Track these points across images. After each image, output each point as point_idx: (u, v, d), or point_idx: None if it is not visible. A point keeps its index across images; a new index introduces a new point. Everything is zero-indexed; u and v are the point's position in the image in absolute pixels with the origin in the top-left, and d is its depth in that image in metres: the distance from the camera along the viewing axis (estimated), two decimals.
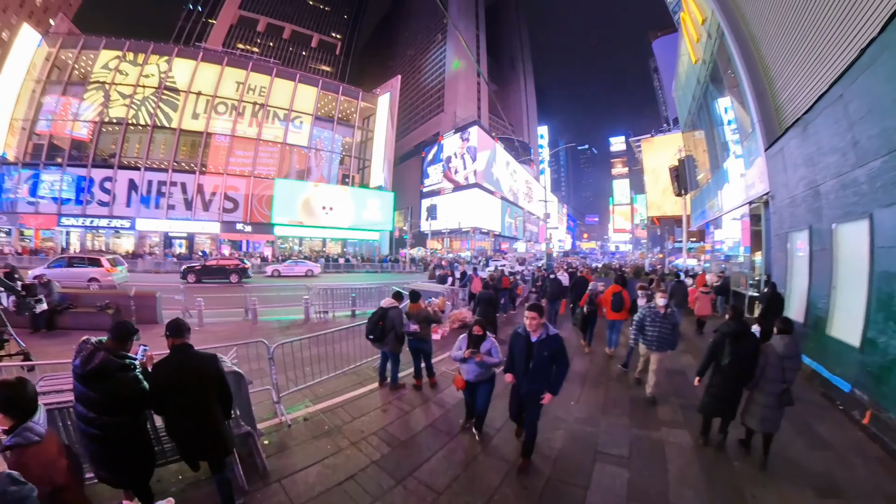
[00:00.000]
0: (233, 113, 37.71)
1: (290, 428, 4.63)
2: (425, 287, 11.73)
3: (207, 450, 2.92)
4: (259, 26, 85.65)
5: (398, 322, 5.70)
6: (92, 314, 9.00)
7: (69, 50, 36.01)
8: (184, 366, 2.82)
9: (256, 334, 9.02)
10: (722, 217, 19.30)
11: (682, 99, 24.66)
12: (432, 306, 6.72)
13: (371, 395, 5.75)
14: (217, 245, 36.53)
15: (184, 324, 3.00)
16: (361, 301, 12.22)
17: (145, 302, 9.97)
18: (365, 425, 4.80)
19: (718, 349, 4.32)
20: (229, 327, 9.79)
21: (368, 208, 42.09)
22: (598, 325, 8.74)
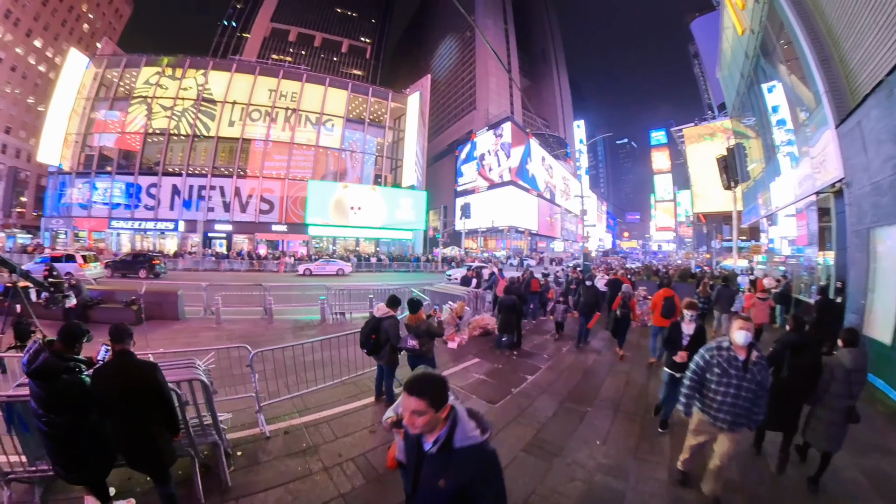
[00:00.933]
0: (266, 119, 39.24)
1: (268, 440, 4.31)
2: (446, 290, 11.10)
3: (142, 460, 2.85)
4: (290, 36, 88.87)
5: (393, 334, 5.10)
6: (119, 309, 9.35)
7: (114, 69, 39.38)
8: (120, 374, 2.72)
9: (268, 334, 9.08)
10: (778, 212, 17.16)
11: (729, 79, 22.33)
12: (437, 314, 6.05)
13: (363, 412, 5.19)
14: (254, 245, 37.94)
15: (125, 330, 2.87)
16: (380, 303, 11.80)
17: (168, 299, 10.35)
18: (345, 447, 4.29)
19: (777, 361, 4.01)
20: (244, 326, 9.76)
21: (401, 207, 42.14)
22: (639, 335, 8.54)
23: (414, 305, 5.28)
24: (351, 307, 11.28)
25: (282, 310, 11.35)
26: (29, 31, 52.05)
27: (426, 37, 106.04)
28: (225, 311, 10.37)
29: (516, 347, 8.37)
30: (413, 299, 5.43)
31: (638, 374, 7.14)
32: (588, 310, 8.72)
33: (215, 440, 3.56)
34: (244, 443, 4.16)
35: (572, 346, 8.93)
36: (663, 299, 7.40)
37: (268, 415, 4.68)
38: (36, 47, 53.63)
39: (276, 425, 4.60)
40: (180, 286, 12.01)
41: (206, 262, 30.03)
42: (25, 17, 51.14)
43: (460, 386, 6.18)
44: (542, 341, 9.33)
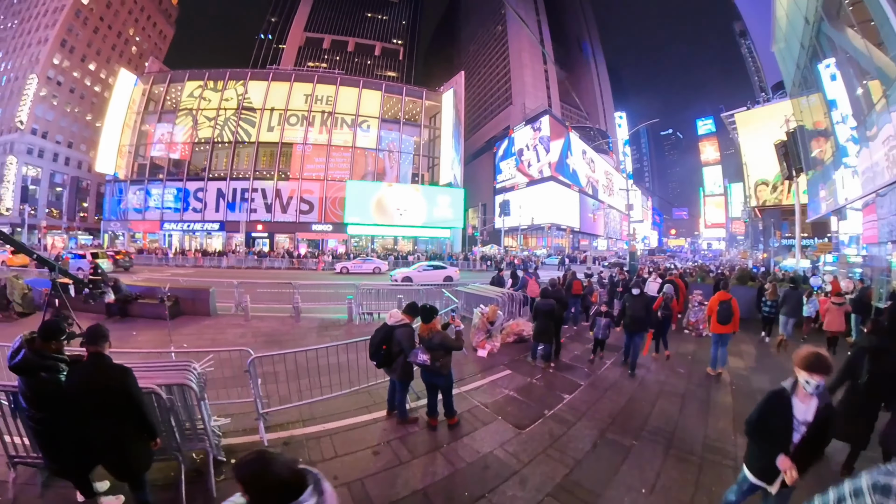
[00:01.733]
0: (304, 123, 40.28)
1: None
2: (479, 291, 9.91)
3: (112, 465, 2.79)
4: (324, 44, 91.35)
5: (407, 345, 4.44)
6: (154, 305, 9.56)
7: (160, 85, 42.76)
8: (91, 376, 2.65)
9: (293, 333, 8.91)
10: (848, 205, 14.40)
11: (786, 52, 19.61)
12: (456, 323, 4.81)
13: (372, 427, 4.64)
14: (295, 244, 38.76)
15: (100, 331, 2.76)
16: (416, 302, 10.69)
17: (200, 296, 10.47)
18: (343, 469, 3.79)
19: (856, 366, 3.75)
20: (272, 324, 9.62)
21: (439, 205, 41.36)
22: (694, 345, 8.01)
23: (427, 314, 4.51)
24: (379, 307, 10.61)
25: (311, 308, 11.14)
26: (84, 56, 57.99)
27: (457, 35, 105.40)
28: (256, 309, 10.57)
29: (553, 359, 7.40)
30: (427, 306, 4.59)
31: (695, 397, 5.96)
32: (636, 326, 6.82)
33: (203, 447, 3.45)
34: (241, 450, 3.88)
35: (618, 357, 7.65)
36: (719, 303, 6.88)
37: (272, 421, 4.49)
38: (90, 70, 59.56)
39: (278, 434, 4.33)
40: (213, 283, 12.21)
41: (248, 261, 30.83)
42: (79, 44, 56.95)
43: (486, 403, 5.41)
44: (584, 352, 8.19)
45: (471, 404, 5.31)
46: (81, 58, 57.61)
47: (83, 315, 9.45)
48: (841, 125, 13.70)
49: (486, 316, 7.98)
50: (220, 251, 35.25)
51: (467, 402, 5.34)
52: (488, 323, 7.92)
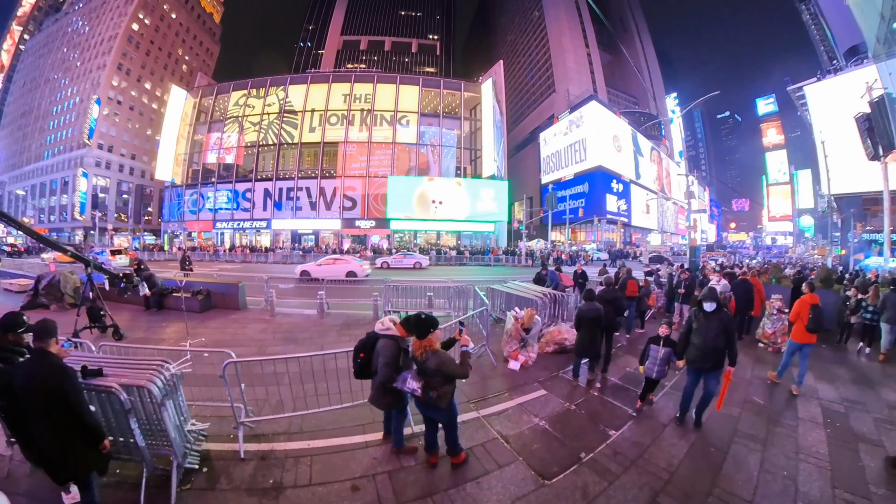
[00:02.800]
0: (343, 122, 40.71)
1: (241, 463, 3.69)
2: (518, 291, 8.60)
3: (53, 464, 2.66)
4: (361, 45, 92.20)
5: (382, 363, 3.46)
6: (188, 298, 9.69)
7: (208, 97, 45.95)
8: (33, 373, 2.56)
9: (313, 329, 8.57)
10: None
11: (866, 2, 16.48)
12: (464, 339, 3.59)
13: (362, 452, 3.90)
14: (339, 240, 39.31)
15: (46, 327, 2.66)
16: (445, 301, 9.86)
17: (231, 290, 10.60)
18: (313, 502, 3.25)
19: None
20: (296, 320, 9.42)
21: (482, 199, 40.14)
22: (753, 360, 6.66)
23: (421, 326, 3.44)
24: (407, 304, 9.81)
25: (339, 304, 10.89)
26: (139, 77, 64.76)
27: (494, 25, 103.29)
28: (286, 304, 10.75)
29: (601, 374, 6.20)
30: (421, 317, 3.49)
31: (780, 441, 4.38)
32: (709, 361, 4.46)
33: (166, 453, 3.28)
34: (217, 458, 3.70)
35: (671, 406, 5.55)
36: (811, 307, 5.74)
37: (257, 430, 4.14)
38: (146, 89, 66.22)
39: (258, 446, 3.93)
40: (250, 278, 12.99)
41: (293, 257, 31.16)
42: (134, 66, 63.64)
43: (507, 436, 4.26)
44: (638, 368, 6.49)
45: (488, 435, 4.25)
46: (137, 78, 64.07)
47: (127, 307, 10.02)
48: None
49: (521, 322, 6.67)
50: (268, 247, 36.41)
51: (484, 433, 4.30)
52: (523, 330, 6.60)
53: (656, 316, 10.90)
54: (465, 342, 3.57)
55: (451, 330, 6.11)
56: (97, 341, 6.81)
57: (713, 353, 4.41)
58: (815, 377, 6.21)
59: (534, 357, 6.60)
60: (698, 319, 4.57)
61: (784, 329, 7.75)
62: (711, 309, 4.50)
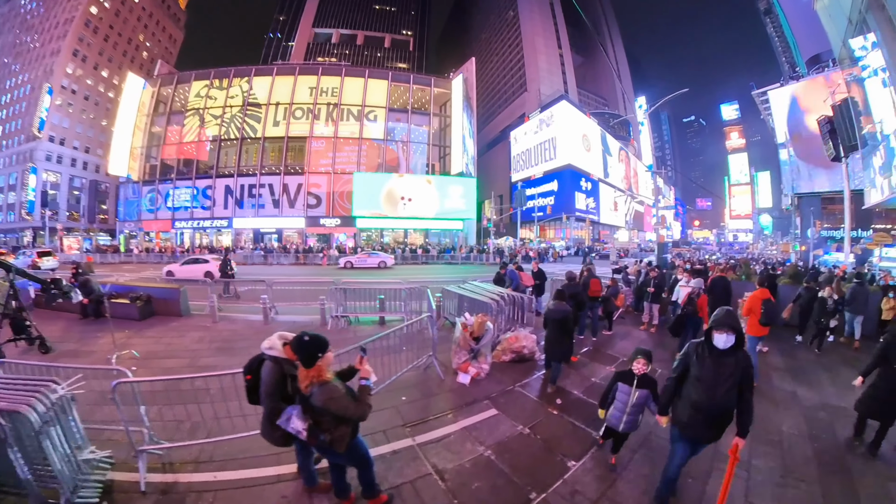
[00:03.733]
0: (309, 116, 39.25)
1: (141, 496, 3.24)
2: (474, 292, 7.88)
3: None
4: (333, 39, 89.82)
5: (268, 393, 2.87)
6: (126, 305, 9.25)
7: (167, 87, 42.93)
8: None
9: (254, 338, 7.33)
10: None
11: (834, 7, 17.16)
12: (364, 368, 2.90)
13: (271, 488, 3.39)
14: (303, 239, 37.93)
15: None
16: (401, 304, 9.11)
17: (172, 295, 9.90)
18: None
19: (891, 351, 4.07)
20: (239, 327, 8.75)
21: (450, 196, 39.72)
22: None
23: (305, 349, 2.66)
24: (357, 309, 9.10)
25: (288, 309, 10.24)
26: (96, 64, 60.07)
27: (469, 24, 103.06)
28: (233, 309, 10.12)
29: (555, 386, 5.68)
30: (304, 339, 2.67)
31: (767, 468, 3.87)
32: (714, 426, 2.97)
33: (54, 486, 2.91)
34: (119, 490, 3.31)
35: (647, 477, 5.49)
36: (762, 302, 6.00)
37: (167, 458, 3.69)
38: (103, 77, 61.52)
39: (162, 477, 3.49)
40: (188, 282, 11.79)
41: (254, 257, 30.08)
42: (91, 53, 59.05)
43: (444, 470, 3.63)
44: (605, 375, 6.11)
45: (421, 470, 3.61)
46: (94, 65, 59.69)
47: (64, 316, 9.29)
48: None
49: (471, 330, 5.88)
50: (228, 248, 34.63)
51: (417, 466, 3.67)
52: (472, 339, 5.85)
53: (624, 315, 10.53)
54: (364, 374, 2.86)
55: (397, 351, 5.62)
56: (23, 356, 6.46)
57: (721, 415, 2.90)
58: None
59: (486, 369, 5.94)
60: (702, 360, 2.92)
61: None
62: (727, 345, 2.84)
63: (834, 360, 7.32)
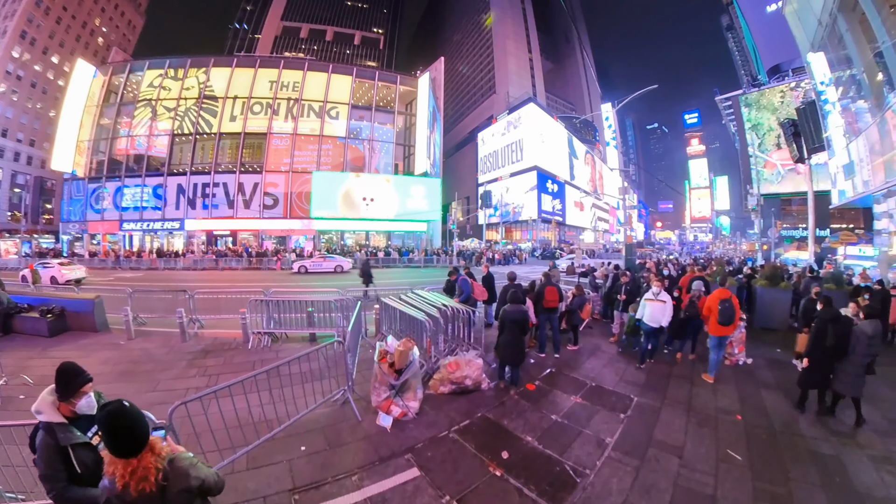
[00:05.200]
0: (268, 111, 37.51)
1: None
2: (408, 306, 6.73)
3: None
4: (302, 33, 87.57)
5: (43, 476, 2.06)
6: (36, 319, 8.46)
7: (120, 75, 39.87)
8: None
9: (164, 360, 6.95)
10: None
11: (803, 10, 17.60)
12: (168, 445, 1.87)
13: None
14: (259, 241, 36.18)
15: None
16: (329, 317, 8.18)
17: (86, 307, 8.88)
18: None
19: (823, 333, 5.01)
20: (153, 344, 7.90)
21: (413, 197, 38.90)
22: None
23: (113, 431, 1.72)
24: (284, 323, 8.07)
25: (216, 322, 9.29)
26: (45, 48, 54.95)
27: (442, 25, 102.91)
28: (158, 322, 9.17)
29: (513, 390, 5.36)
30: (115, 414, 1.72)
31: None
32: None
33: None
34: None
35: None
36: (719, 302, 6.17)
37: None
38: (53, 63, 56.44)
39: None
40: (142, 288, 11.02)
41: (205, 261, 28.41)
42: (41, 36, 53.95)
43: None
44: (570, 410, 5.10)
45: None
46: (43, 50, 54.70)
47: None
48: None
49: (391, 360, 4.80)
50: (178, 251, 32.82)
51: None
52: (394, 372, 4.73)
53: (592, 325, 9.55)
54: (169, 450, 1.85)
55: (309, 380, 4.65)
56: None
57: None
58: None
59: (415, 407, 4.75)
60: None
61: (743, 338, 7.21)
62: None
63: None
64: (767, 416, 5.13)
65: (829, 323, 5.06)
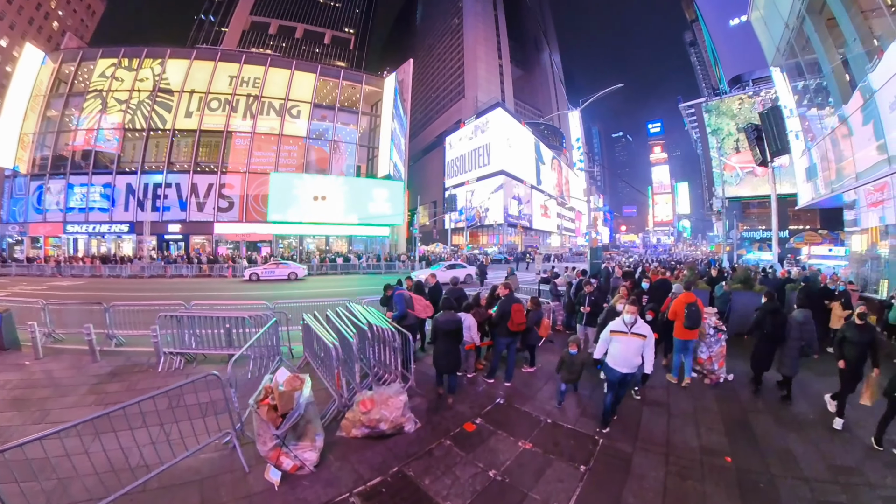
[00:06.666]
0: (226, 108, 35.82)
1: None
2: (322, 327, 6.03)
3: None
4: (271, 29, 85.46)
5: None
6: None
7: (70, 64, 36.96)
8: None
9: (64, 385, 6.36)
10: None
11: (770, 15, 17.65)
12: None
13: None
14: (213, 246, 34.45)
15: None
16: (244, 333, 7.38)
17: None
18: None
19: (762, 323, 5.97)
20: (61, 365, 7.26)
21: (375, 200, 38.07)
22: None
23: None
24: (201, 342, 7.41)
25: (138, 338, 8.36)
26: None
27: (414, 29, 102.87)
28: (72, 339, 8.34)
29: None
30: None
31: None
32: None
33: None
34: None
35: None
36: (685, 306, 6.10)
37: None
38: (1, 47, 52.57)
39: None
40: (79, 298, 10.57)
41: (153, 268, 26.93)
42: None
43: None
44: (516, 460, 4.15)
45: None
46: None
47: None
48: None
49: (278, 402, 3.85)
50: (129, 257, 30.99)
51: None
52: (280, 417, 3.83)
53: (554, 338, 8.54)
54: None
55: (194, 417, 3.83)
56: None
57: None
58: None
59: (313, 459, 3.86)
60: None
61: (723, 352, 6.42)
62: None
63: None
64: (761, 453, 4.30)
65: (769, 314, 5.85)
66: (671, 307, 6.38)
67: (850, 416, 5.02)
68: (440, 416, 5.14)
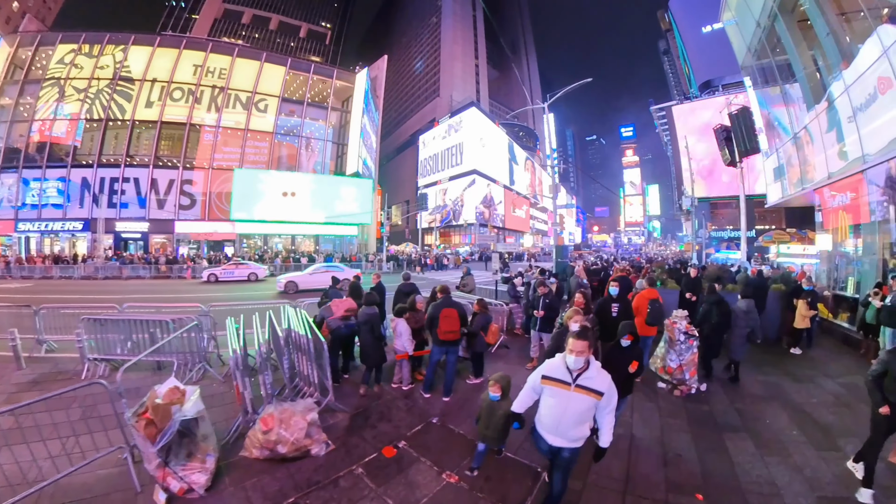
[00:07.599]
0: (189, 99, 34.45)
1: None
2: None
3: None
4: (244, 18, 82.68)
5: None
6: None
7: (27, 48, 34.93)
8: None
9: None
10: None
11: (742, 15, 17.63)
12: None
13: None
14: (173, 246, 33.26)
15: None
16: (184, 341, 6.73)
17: None
18: None
19: (709, 313, 6.27)
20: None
21: (343, 199, 37.44)
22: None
23: None
24: (128, 348, 6.91)
25: (68, 343, 7.78)
26: None
27: (392, 27, 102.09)
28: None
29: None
30: None
31: None
32: None
33: None
34: None
35: None
36: (648, 302, 6.16)
37: None
38: None
39: None
40: (25, 301, 9.33)
41: (108, 269, 25.74)
42: None
43: None
44: (435, 500, 3.42)
45: None
46: None
47: None
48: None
49: (153, 416, 3.53)
50: (84, 256, 29.42)
51: None
52: (159, 432, 3.62)
53: (510, 343, 7.94)
54: None
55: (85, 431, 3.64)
56: None
57: None
58: None
59: (202, 482, 3.52)
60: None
61: (695, 360, 5.80)
62: None
63: None
64: (741, 491, 3.56)
65: (714, 305, 6.24)
66: (633, 302, 6.13)
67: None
68: (359, 436, 4.47)
